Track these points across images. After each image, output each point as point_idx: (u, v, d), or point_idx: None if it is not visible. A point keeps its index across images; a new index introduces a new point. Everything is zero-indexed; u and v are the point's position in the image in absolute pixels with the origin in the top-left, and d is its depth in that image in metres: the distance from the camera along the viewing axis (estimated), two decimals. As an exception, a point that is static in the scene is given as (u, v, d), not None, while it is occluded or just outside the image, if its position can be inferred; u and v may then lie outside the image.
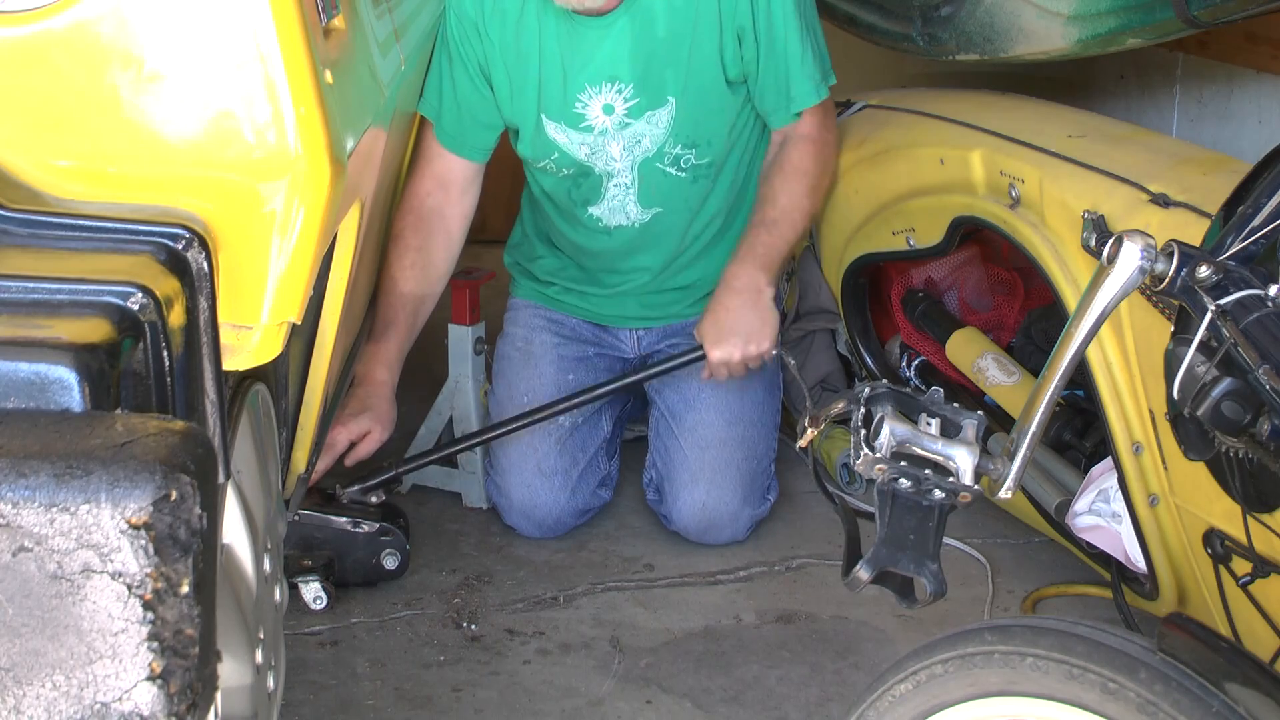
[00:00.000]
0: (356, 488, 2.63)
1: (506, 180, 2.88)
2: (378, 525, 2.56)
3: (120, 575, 1.12)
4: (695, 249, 2.84)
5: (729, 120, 2.73)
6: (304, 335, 2.02)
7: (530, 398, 2.82)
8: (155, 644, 1.13)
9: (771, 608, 2.59)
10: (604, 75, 2.62)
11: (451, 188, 2.77)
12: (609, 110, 2.64)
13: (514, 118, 2.71)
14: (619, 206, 2.76)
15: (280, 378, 1.90)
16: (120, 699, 1.13)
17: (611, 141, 2.68)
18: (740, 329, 2.63)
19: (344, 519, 2.55)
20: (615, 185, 2.74)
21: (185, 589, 1.13)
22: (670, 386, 2.85)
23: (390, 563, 2.57)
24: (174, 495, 1.12)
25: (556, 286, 2.93)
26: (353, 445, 2.64)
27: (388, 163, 2.28)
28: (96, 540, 1.11)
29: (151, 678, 1.13)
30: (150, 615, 1.12)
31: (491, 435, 2.79)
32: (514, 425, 2.75)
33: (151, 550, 1.12)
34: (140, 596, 1.12)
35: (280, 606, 2.03)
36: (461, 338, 2.96)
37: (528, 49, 2.63)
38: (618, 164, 2.71)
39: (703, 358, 2.66)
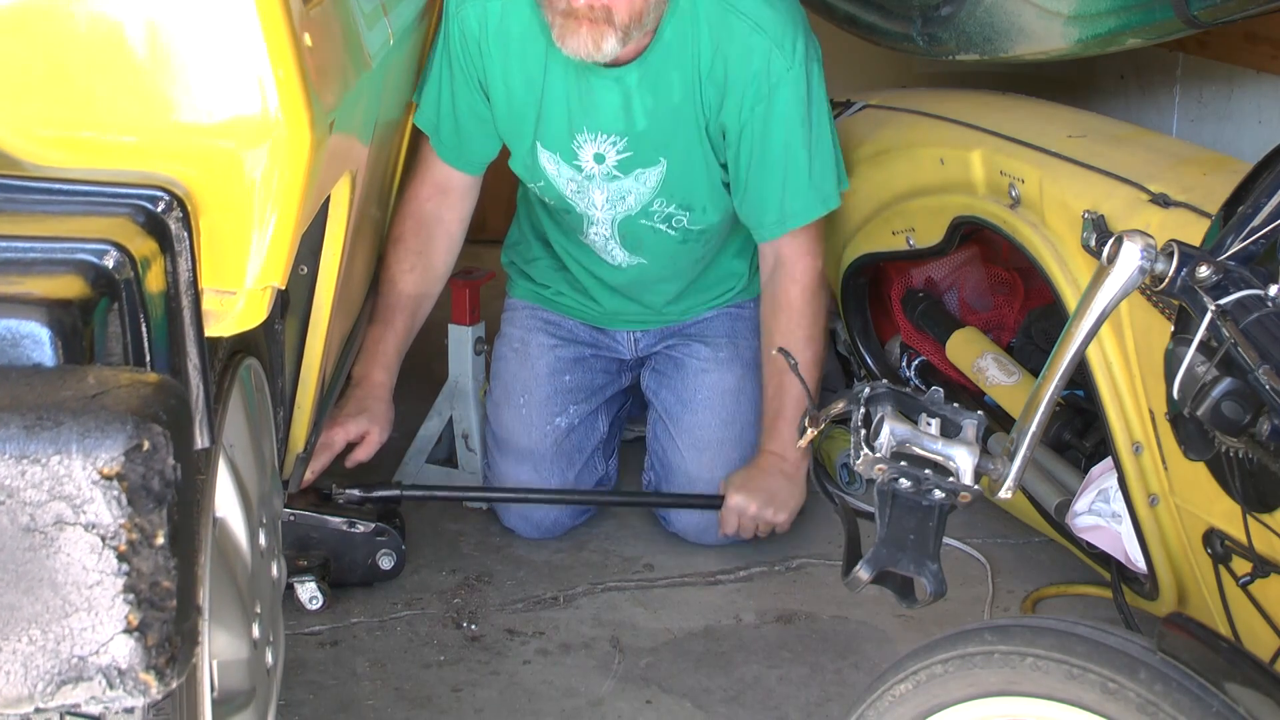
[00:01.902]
0: (358, 494, 2.62)
1: (506, 180, 2.88)
2: (373, 525, 2.56)
3: (94, 527, 1.10)
4: (679, 285, 2.84)
5: (719, 191, 2.69)
6: (299, 315, 2.01)
7: (526, 398, 2.82)
8: (131, 596, 1.11)
9: (771, 608, 2.58)
10: (602, 126, 2.59)
11: (451, 193, 2.77)
12: (600, 159, 2.62)
13: (508, 136, 2.70)
14: (602, 247, 2.76)
15: (275, 356, 1.90)
16: (97, 652, 1.11)
17: (596, 189, 2.66)
18: (768, 490, 2.66)
19: (340, 519, 2.55)
20: (595, 233, 2.74)
21: (160, 540, 1.11)
22: (667, 388, 2.85)
23: (386, 563, 2.57)
24: (146, 445, 1.11)
25: (552, 289, 2.93)
26: (351, 446, 2.64)
27: (382, 142, 2.26)
28: (69, 492, 1.10)
29: (128, 630, 1.11)
30: (125, 567, 1.11)
31: (505, 497, 2.81)
32: (530, 497, 2.78)
33: (124, 501, 1.10)
34: (114, 548, 1.10)
35: (278, 583, 2.03)
36: (461, 338, 2.96)
37: (533, 76, 2.60)
38: (598, 213, 2.69)
39: (719, 504, 2.68)
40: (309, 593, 2.48)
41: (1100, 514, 2.30)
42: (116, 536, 1.11)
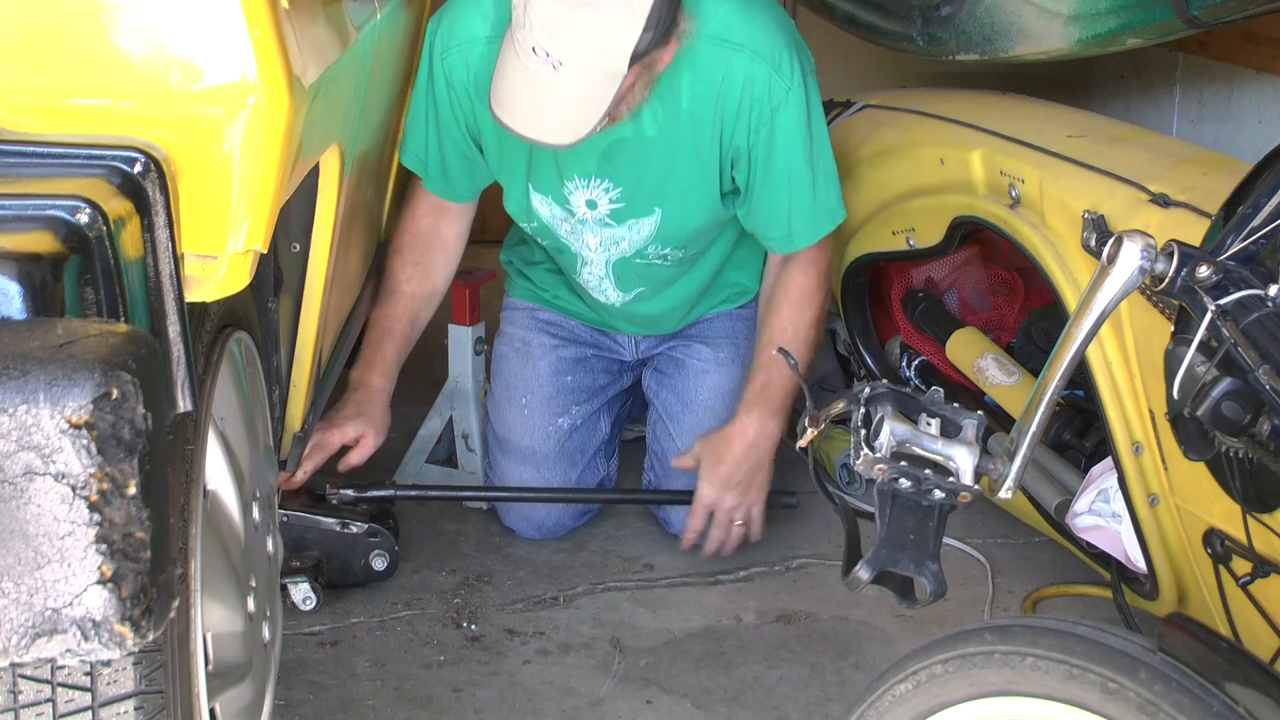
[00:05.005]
0: (351, 494, 2.62)
1: (507, 180, 2.88)
2: (366, 526, 2.56)
3: (64, 476, 1.09)
4: (681, 304, 2.83)
5: (716, 225, 2.68)
6: (293, 294, 2.01)
7: (529, 398, 2.82)
8: (104, 546, 1.09)
9: (771, 608, 2.58)
10: (595, 172, 2.57)
11: (448, 212, 2.75)
12: (592, 205, 2.60)
13: (502, 178, 2.68)
14: (596, 287, 2.76)
15: (269, 333, 1.89)
16: (71, 604, 1.10)
17: (589, 233, 2.65)
18: (741, 481, 2.64)
19: (333, 520, 2.55)
20: (589, 273, 2.73)
21: (132, 490, 1.10)
22: (668, 388, 2.85)
23: (379, 564, 2.57)
24: (115, 393, 1.09)
25: (551, 291, 2.92)
26: (345, 449, 2.64)
27: (373, 118, 2.24)
28: (37, 441, 1.08)
29: (102, 581, 1.09)
30: (97, 517, 1.09)
31: (497, 496, 2.83)
32: (523, 496, 2.79)
33: (94, 450, 1.09)
34: (85, 498, 1.09)
35: (274, 558, 2.02)
36: (461, 338, 2.96)
37: None
38: (592, 255, 2.69)
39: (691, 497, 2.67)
40: (302, 593, 2.48)
41: (1100, 514, 2.30)
42: (87, 486, 1.09)
